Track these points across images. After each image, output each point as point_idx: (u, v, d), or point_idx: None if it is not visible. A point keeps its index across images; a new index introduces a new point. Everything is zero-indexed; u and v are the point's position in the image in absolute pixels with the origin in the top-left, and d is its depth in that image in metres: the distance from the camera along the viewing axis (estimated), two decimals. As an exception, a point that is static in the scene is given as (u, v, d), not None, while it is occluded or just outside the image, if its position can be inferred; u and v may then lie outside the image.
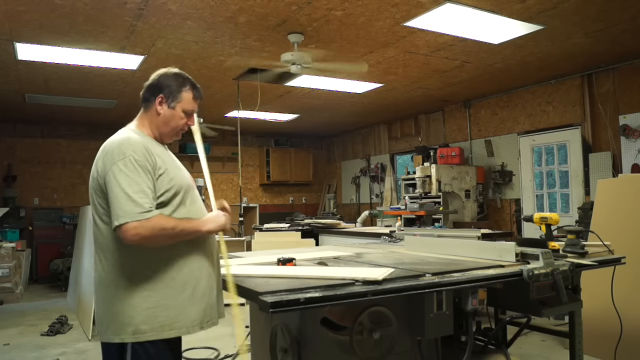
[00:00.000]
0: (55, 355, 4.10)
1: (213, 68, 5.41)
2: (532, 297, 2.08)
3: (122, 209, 1.57)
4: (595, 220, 3.92)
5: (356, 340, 1.84)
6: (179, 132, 1.88)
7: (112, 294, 1.66)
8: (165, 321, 1.66)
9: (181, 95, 1.83)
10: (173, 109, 1.82)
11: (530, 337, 4.06)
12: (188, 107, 1.85)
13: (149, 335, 1.64)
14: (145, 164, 1.65)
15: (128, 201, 1.58)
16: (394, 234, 4.06)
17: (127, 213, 1.57)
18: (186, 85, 1.85)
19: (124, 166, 1.62)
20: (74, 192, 8.77)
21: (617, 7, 3.91)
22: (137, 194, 1.59)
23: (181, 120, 1.85)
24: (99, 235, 1.71)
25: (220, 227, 1.79)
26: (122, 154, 1.64)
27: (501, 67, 5.62)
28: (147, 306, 1.64)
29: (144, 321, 1.63)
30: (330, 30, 4.33)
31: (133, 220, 1.56)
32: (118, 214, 1.57)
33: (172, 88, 1.82)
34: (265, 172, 10.34)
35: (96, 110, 7.45)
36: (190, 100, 1.85)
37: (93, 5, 3.69)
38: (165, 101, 1.82)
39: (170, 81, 1.83)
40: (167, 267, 1.69)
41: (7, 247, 6.45)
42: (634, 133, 5.26)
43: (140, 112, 1.89)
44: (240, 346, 2.44)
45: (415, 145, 8.18)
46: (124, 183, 1.60)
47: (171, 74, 1.85)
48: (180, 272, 1.71)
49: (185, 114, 1.85)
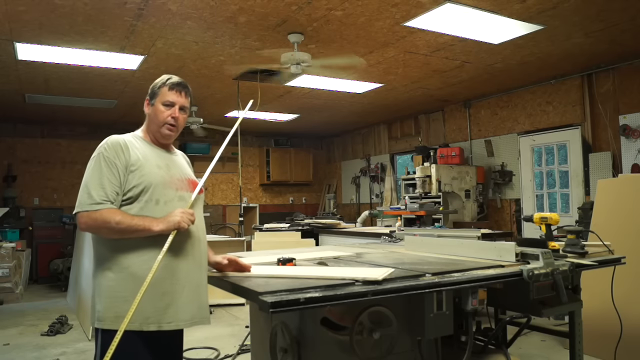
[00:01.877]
0: (55, 355, 4.10)
1: (213, 68, 5.41)
2: (532, 297, 2.08)
3: (79, 199, 1.77)
4: (595, 220, 3.92)
5: (356, 340, 1.84)
6: (165, 125, 1.93)
7: (93, 283, 1.83)
8: (120, 313, 1.69)
9: (159, 90, 1.95)
10: (154, 105, 1.95)
11: (530, 337, 4.06)
12: (165, 99, 1.94)
13: (105, 324, 1.74)
14: (114, 160, 1.79)
15: (84, 193, 1.76)
16: (394, 234, 4.06)
17: (80, 203, 1.75)
18: (165, 82, 1.96)
19: (94, 161, 1.81)
20: (74, 192, 8.62)
21: (617, 7, 3.91)
22: (94, 187, 1.75)
23: (162, 113, 1.93)
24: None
25: (173, 225, 1.74)
26: (97, 151, 1.83)
27: (501, 67, 5.62)
28: (108, 295, 1.75)
29: (104, 309, 1.75)
30: (330, 30, 4.33)
31: (83, 210, 1.74)
32: (76, 204, 1.77)
33: (154, 89, 1.97)
34: (265, 172, 10.34)
35: (96, 110, 7.45)
36: (166, 92, 1.94)
37: (93, 5, 3.69)
38: (149, 102, 1.98)
39: (153, 86, 1.98)
40: (130, 261, 1.76)
41: (7, 247, 6.45)
42: (634, 133, 5.26)
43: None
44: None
45: (415, 145, 8.18)
46: (87, 176, 1.79)
47: (157, 81, 1.99)
48: (141, 267, 1.74)
49: (165, 106, 1.93)
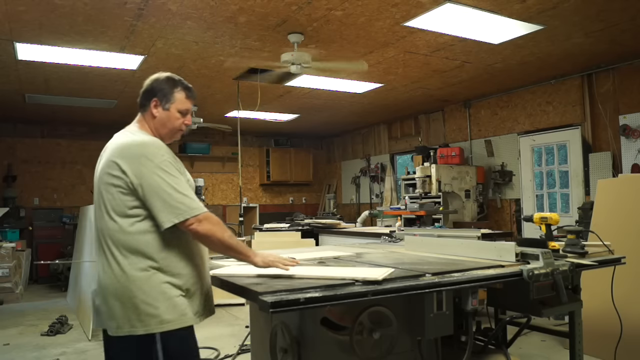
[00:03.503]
0: (55, 355, 4.10)
1: (213, 68, 5.41)
2: (532, 297, 2.08)
3: (186, 204, 1.70)
4: (595, 220, 3.92)
5: (356, 340, 1.84)
6: (176, 132, 1.95)
7: (134, 289, 1.70)
8: (184, 310, 1.74)
9: (174, 96, 1.91)
10: (168, 110, 1.90)
11: (530, 337, 4.06)
12: (182, 107, 1.92)
13: (171, 325, 1.71)
14: (177, 165, 1.80)
15: (185, 198, 1.72)
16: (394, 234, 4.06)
17: (190, 208, 1.70)
18: (178, 86, 1.93)
19: (166, 167, 1.74)
20: (74, 192, 8.77)
21: (617, 7, 3.91)
22: (189, 193, 1.75)
23: (177, 120, 1.92)
24: (118, 232, 1.73)
25: (269, 264, 1.88)
26: (160, 155, 1.75)
27: (501, 67, 5.62)
28: (167, 296, 1.72)
29: (166, 311, 1.70)
30: (330, 30, 4.33)
31: (200, 213, 1.71)
32: (179, 210, 1.69)
33: (165, 91, 1.90)
34: (265, 172, 10.34)
35: (96, 110, 7.46)
36: (184, 100, 1.93)
37: (93, 5, 3.69)
38: (159, 104, 1.90)
39: (162, 84, 1.92)
40: (184, 262, 1.78)
41: (7, 247, 6.45)
42: (634, 133, 5.26)
43: (138, 116, 1.97)
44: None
45: (415, 145, 8.18)
46: (172, 182, 1.72)
47: (163, 77, 1.95)
48: (195, 266, 1.82)
49: (181, 113, 1.93)
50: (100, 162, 1.87)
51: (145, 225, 1.73)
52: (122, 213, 1.74)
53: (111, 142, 1.87)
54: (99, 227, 1.80)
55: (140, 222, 1.73)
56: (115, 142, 1.84)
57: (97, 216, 1.82)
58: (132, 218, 1.73)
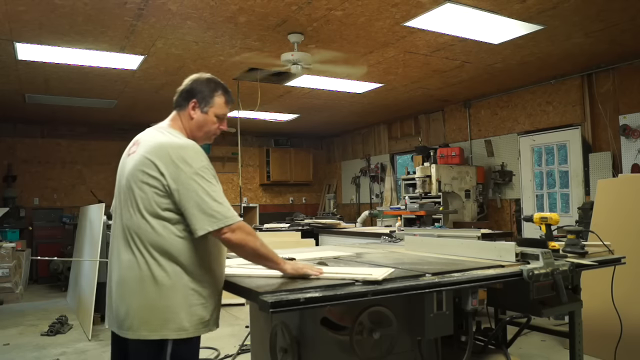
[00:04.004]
0: (55, 355, 4.10)
1: (213, 68, 5.41)
2: (532, 297, 2.08)
3: (222, 213, 1.67)
4: (595, 220, 3.92)
5: (356, 340, 1.84)
6: (211, 136, 1.94)
7: (157, 291, 1.68)
8: (202, 319, 1.73)
9: (214, 100, 1.88)
10: (206, 114, 1.88)
11: (530, 337, 4.06)
12: (220, 112, 1.91)
13: (189, 332, 1.70)
14: (213, 172, 1.76)
15: (221, 206, 1.68)
16: (394, 234, 4.06)
17: (225, 217, 1.67)
18: (218, 90, 1.90)
19: (204, 174, 1.70)
20: (74, 192, 8.77)
21: (617, 7, 3.91)
22: (224, 201, 1.71)
23: (214, 124, 1.91)
24: (150, 231, 1.70)
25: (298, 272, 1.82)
26: (200, 161, 1.71)
27: (501, 67, 5.62)
28: (191, 303, 1.70)
29: (186, 318, 1.69)
30: (330, 30, 4.33)
31: (234, 222, 1.67)
32: (214, 218, 1.66)
33: (204, 93, 1.87)
34: (265, 172, 10.34)
35: (96, 110, 7.46)
36: (222, 105, 1.91)
37: (93, 5, 3.69)
38: (198, 106, 1.87)
39: (202, 86, 1.88)
40: (210, 272, 1.77)
41: (7, 247, 6.44)
42: (634, 133, 5.26)
43: (173, 114, 1.93)
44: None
45: (415, 145, 8.18)
46: (209, 190, 1.69)
47: (204, 79, 1.91)
48: (217, 276, 1.82)
49: (218, 118, 1.91)
50: (130, 156, 1.81)
51: (176, 229, 1.70)
52: (154, 213, 1.70)
53: (146, 138, 1.82)
54: (126, 223, 1.75)
55: (173, 225, 1.70)
56: (153, 139, 1.79)
57: (124, 212, 1.77)
58: (165, 220, 1.70)
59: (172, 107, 1.95)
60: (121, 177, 1.84)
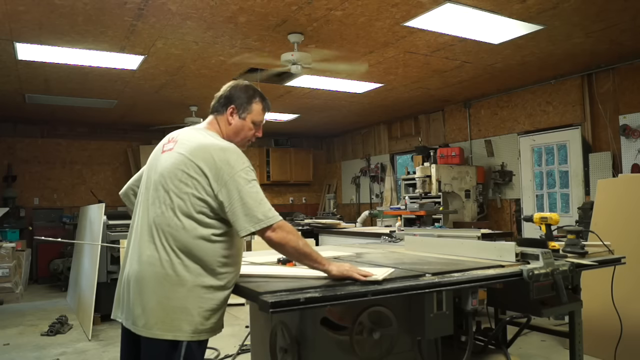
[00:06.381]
0: (55, 355, 4.10)
1: (213, 68, 5.41)
2: (532, 297, 2.07)
3: (263, 213, 1.68)
4: (595, 220, 3.92)
5: (356, 340, 1.84)
6: (246, 142, 1.97)
7: (175, 291, 1.67)
8: (215, 322, 1.74)
9: (251, 106, 1.93)
10: (244, 120, 1.92)
11: (530, 337, 4.06)
12: (257, 119, 1.95)
13: (203, 335, 1.71)
14: (255, 174, 1.79)
15: (263, 206, 1.69)
16: (394, 234, 4.06)
17: (267, 217, 1.68)
18: (256, 97, 1.94)
19: (247, 175, 1.73)
20: (74, 192, 8.77)
21: (617, 7, 3.91)
22: (266, 201, 1.72)
23: (250, 131, 1.95)
24: (181, 230, 1.70)
25: (343, 273, 1.77)
26: (243, 163, 1.74)
27: (501, 67, 5.62)
28: (209, 307, 1.70)
29: (201, 321, 1.69)
30: (330, 30, 4.33)
31: (275, 222, 1.68)
32: (257, 218, 1.67)
33: (242, 99, 1.92)
34: (265, 172, 10.34)
35: (96, 110, 7.46)
36: (260, 112, 1.95)
37: (93, 5, 3.69)
38: (236, 112, 1.91)
39: (241, 93, 1.93)
40: (230, 278, 1.78)
41: (7, 247, 6.45)
42: (634, 133, 5.26)
43: (210, 118, 1.95)
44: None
45: (415, 145, 8.18)
46: (252, 191, 1.70)
47: (242, 85, 1.95)
48: (234, 281, 1.82)
49: (254, 124, 1.95)
50: (166, 152, 1.83)
51: (206, 232, 1.71)
52: (187, 213, 1.70)
53: (185, 137, 1.84)
54: (154, 219, 1.74)
55: (203, 227, 1.71)
56: (193, 139, 1.80)
57: (154, 207, 1.76)
58: (196, 222, 1.70)
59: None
60: (152, 172, 1.84)
